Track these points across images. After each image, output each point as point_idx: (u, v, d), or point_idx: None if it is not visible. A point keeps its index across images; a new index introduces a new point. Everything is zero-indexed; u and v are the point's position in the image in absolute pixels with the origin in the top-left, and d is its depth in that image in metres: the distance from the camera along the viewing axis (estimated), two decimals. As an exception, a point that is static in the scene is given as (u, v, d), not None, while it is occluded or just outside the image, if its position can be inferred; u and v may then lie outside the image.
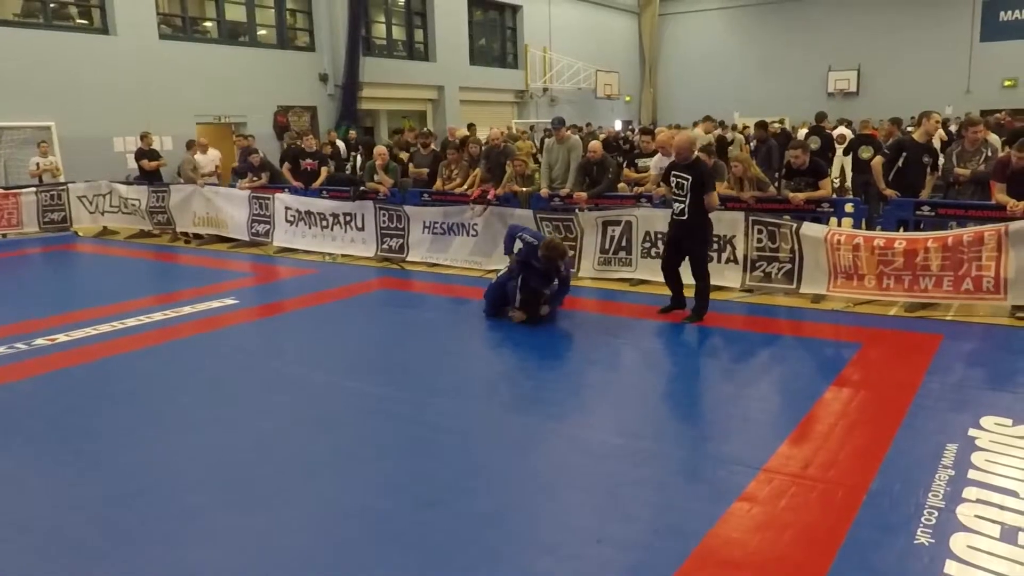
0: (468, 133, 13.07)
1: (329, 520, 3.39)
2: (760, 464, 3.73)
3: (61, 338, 6.37)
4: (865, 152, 9.89)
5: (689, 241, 6.42)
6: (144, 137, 12.92)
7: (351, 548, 3.16)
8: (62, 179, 12.91)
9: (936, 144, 8.02)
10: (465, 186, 9.40)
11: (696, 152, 6.47)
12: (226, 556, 3.08)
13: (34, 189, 12.50)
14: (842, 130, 14.76)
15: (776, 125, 13.36)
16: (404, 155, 11.47)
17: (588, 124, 19.97)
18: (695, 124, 13.72)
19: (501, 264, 7.23)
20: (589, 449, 4.09)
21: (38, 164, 12.68)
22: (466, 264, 9.11)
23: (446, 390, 5.10)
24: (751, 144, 12.87)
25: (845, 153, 11.39)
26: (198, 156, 12.36)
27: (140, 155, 12.89)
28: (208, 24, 17.00)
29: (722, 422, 4.42)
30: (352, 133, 15.84)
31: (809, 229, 6.98)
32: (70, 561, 3.10)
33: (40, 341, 6.28)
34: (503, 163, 9.20)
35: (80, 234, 12.76)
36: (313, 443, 4.25)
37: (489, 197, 8.94)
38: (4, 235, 12.37)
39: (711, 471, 3.75)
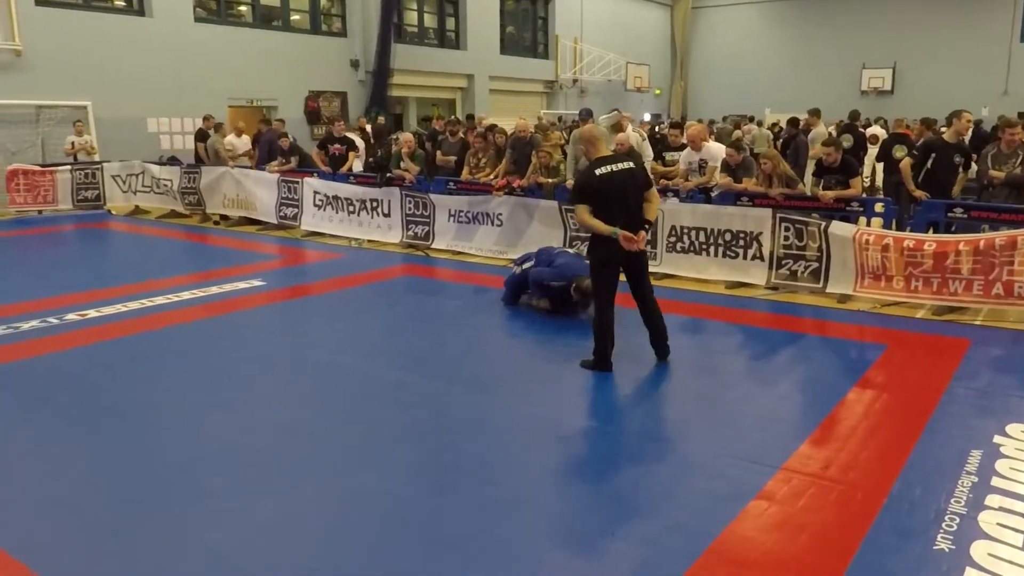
0: (494, 123, 13.06)
1: (345, 504, 3.43)
2: (779, 463, 3.71)
3: (91, 314, 6.49)
4: (899, 151, 9.73)
5: None
6: (207, 119, 13.07)
7: (366, 532, 3.20)
8: (97, 157, 13.14)
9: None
10: (492, 175, 9.40)
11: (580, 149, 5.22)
12: (243, 537, 3.13)
13: (69, 167, 12.76)
14: (875, 129, 14.49)
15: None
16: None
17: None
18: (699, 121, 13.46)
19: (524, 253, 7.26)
20: (606, 442, 4.09)
21: (73, 143, 12.91)
22: (491, 253, 9.12)
23: (465, 378, 5.12)
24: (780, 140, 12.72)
25: (879, 159, 11.16)
26: (233, 139, 12.49)
27: (200, 136, 13.03)
28: (242, 8, 17.13)
29: (742, 420, 4.39)
30: (381, 119, 15.90)
31: (838, 228, 6.90)
32: (88, 536, 3.17)
33: (71, 316, 6.41)
34: (529, 154, 9.18)
35: (113, 212, 12.98)
36: (332, 427, 4.29)
37: (515, 186, 8.95)
38: (40, 211, 12.63)
39: (729, 468, 3.73)
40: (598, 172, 4.87)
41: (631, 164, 5.00)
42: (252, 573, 2.90)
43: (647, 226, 4.99)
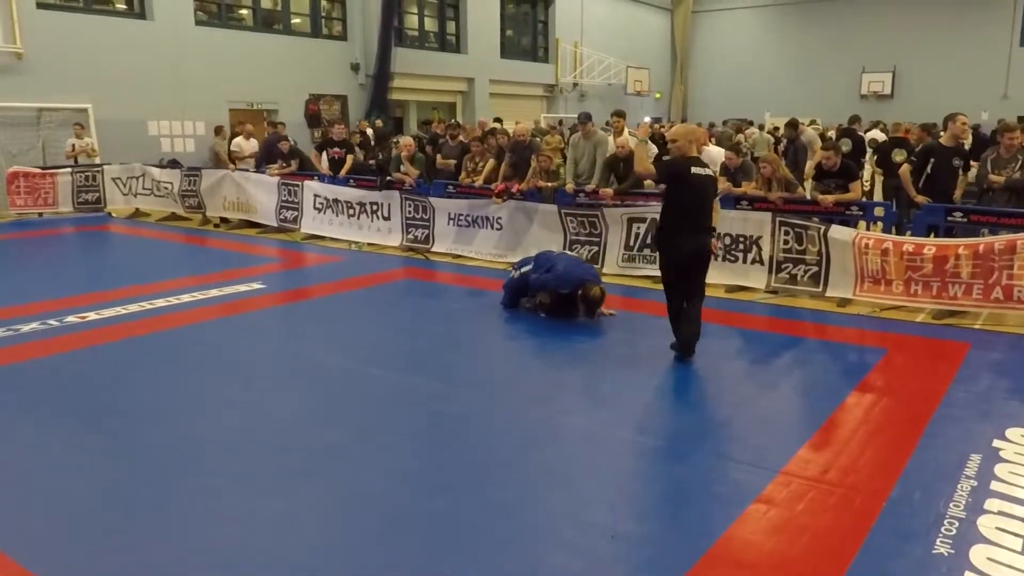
0: (495, 125, 13.07)
1: (345, 505, 3.44)
2: (778, 467, 3.71)
3: (91, 316, 6.50)
4: (899, 155, 9.74)
5: None
6: (240, 125, 13.06)
7: (365, 533, 3.20)
8: (97, 160, 13.13)
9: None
10: (484, 177, 9.41)
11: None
12: (243, 537, 3.14)
13: (70, 170, 12.76)
14: (875, 133, 14.47)
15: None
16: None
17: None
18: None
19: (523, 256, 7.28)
20: (606, 445, 4.09)
21: (73, 145, 12.91)
22: (490, 257, 9.13)
23: (465, 380, 5.13)
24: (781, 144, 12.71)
25: (878, 164, 11.14)
26: (240, 141, 12.51)
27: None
28: (243, 11, 17.15)
29: (741, 423, 4.40)
30: (379, 122, 15.92)
31: (837, 232, 6.91)
32: (89, 535, 3.17)
33: (71, 318, 6.42)
34: (528, 158, 9.19)
35: (113, 215, 12.98)
36: (331, 428, 4.29)
37: (513, 191, 8.95)
38: (40, 214, 12.63)
39: (729, 472, 3.74)
40: (693, 171, 5.14)
41: (711, 172, 5.38)
42: (252, 573, 2.90)
43: (714, 232, 5.40)
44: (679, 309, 5.40)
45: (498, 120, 13.32)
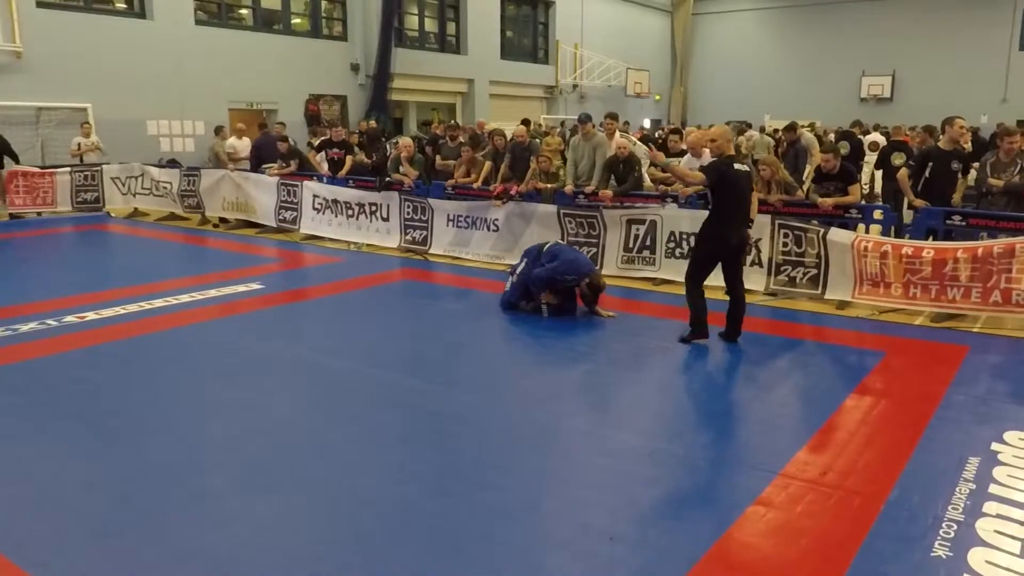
0: (496, 126, 13.02)
1: (343, 507, 3.43)
2: (777, 469, 3.71)
3: (90, 316, 6.49)
4: (898, 159, 9.75)
5: None
6: (278, 126, 13.08)
7: (364, 535, 3.19)
8: (106, 157, 13.08)
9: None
10: (480, 181, 9.41)
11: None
12: (241, 539, 3.13)
13: (69, 169, 12.74)
14: (875, 136, 14.50)
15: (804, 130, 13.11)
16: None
17: (626, 123, 19.79)
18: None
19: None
20: (605, 447, 4.09)
21: (79, 144, 12.88)
22: (487, 258, 9.13)
23: (464, 382, 5.13)
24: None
25: (878, 166, 11.16)
26: (234, 141, 12.49)
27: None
28: (243, 11, 17.17)
29: (740, 425, 4.41)
30: (373, 123, 15.92)
31: (836, 235, 6.92)
32: (84, 537, 3.16)
33: (70, 318, 6.41)
34: (527, 159, 9.19)
35: (112, 214, 12.97)
36: (331, 429, 4.29)
37: (512, 193, 8.95)
38: (39, 213, 12.62)
39: (728, 474, 3.74)
40: (736, 167, 5.60)
41: (748, 169, 5.84)
42: (250, 574, 2.89)
43: (750, 223, 5.92)
44: (701, 292, 5.73)
45: (525, 122, 12.91)
